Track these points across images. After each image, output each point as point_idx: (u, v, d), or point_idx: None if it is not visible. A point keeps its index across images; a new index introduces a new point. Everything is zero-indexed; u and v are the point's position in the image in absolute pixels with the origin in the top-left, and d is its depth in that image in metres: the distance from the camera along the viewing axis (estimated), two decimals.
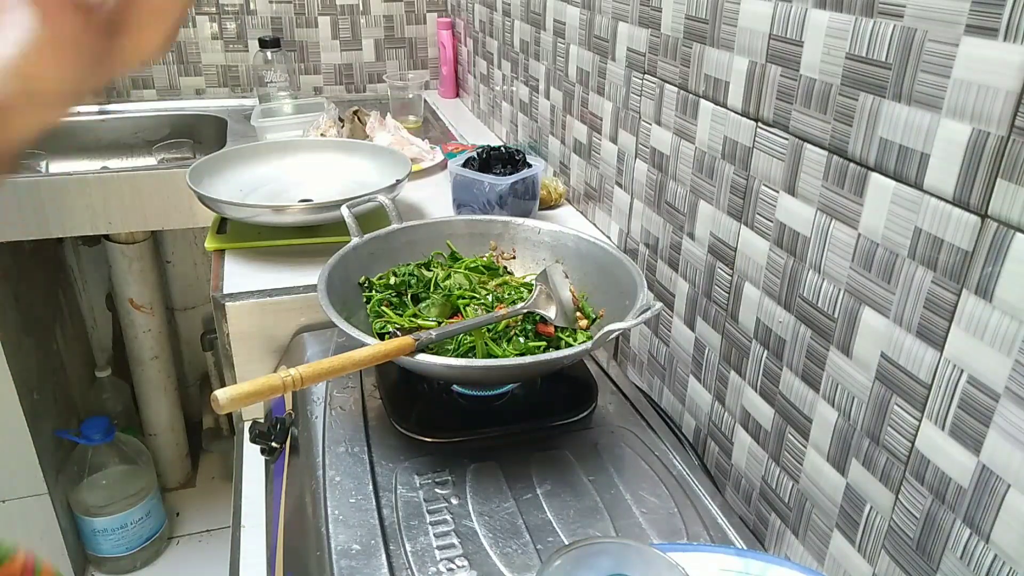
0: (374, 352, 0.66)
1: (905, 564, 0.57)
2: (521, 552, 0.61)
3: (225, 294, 0.95)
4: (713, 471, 0.85)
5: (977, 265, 0.49)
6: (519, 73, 1.46)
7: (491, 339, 0.77)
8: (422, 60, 2.09)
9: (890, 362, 0.57)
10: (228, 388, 0.56)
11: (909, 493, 0.56)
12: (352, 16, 1.99)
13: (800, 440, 0.69)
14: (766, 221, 0.71)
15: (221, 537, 1.83)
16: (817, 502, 0.67)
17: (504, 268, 0.92)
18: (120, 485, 1.65)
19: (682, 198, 0.87)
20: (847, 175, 0.60)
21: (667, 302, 0.92)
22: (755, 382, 0.75)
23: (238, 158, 1.24)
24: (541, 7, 1.28)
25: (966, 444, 0.51)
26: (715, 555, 0.57)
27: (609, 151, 1.07)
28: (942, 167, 0.51)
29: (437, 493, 0.67)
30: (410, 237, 0.92)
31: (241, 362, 0.97)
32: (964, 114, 0.48)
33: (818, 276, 0.64)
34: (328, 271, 0.79)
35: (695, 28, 0.80)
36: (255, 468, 0.95)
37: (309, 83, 2.02)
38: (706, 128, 0.80)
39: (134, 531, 1.69)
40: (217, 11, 1.91)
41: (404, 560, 0.60)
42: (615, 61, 1.01)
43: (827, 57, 0.60)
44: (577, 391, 0.81)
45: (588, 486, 0.69)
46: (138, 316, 1.80)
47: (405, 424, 0.75)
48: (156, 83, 1.94)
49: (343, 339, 0.90)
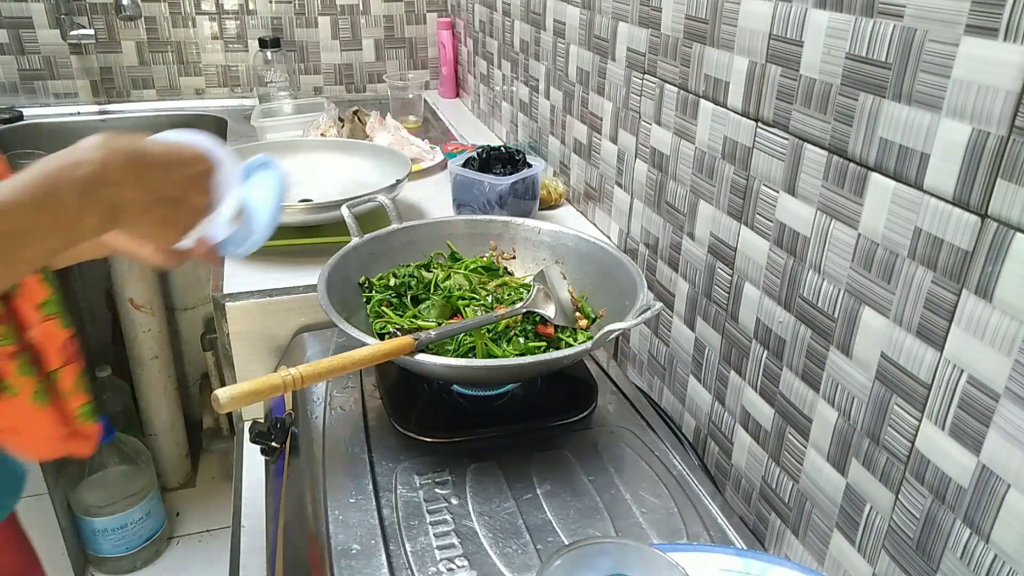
0: (374, 352, 0.66)
1: (905, 564, 0.57)
2: (521, 552, 0.61)
3: (225, 294, 0.95)
4: (713, 471, 0.85)
5: (977, 265, 0.49)
6: (519, 73, 1.46)
7: (491, 339, 0.77)
8: (422, 60, 2.09)
9: (890, 362, 0.57)
10: (229, 387, 0.56)
11: (909, 493, 0.56)
12: (352, 16, 1.99)
13: (800, 440, 0.69)
14: (766, 221, 0.71)
15: (221, 537, 1.83)
16: (817, 502, 0.67)
17: (504, 268, 0.92)
18: (120, 485, 1.65)
19: (682, 198, 0.87)
20: (847, 175, 0.60)
21: (667, 302, 0.92)
22: (755, 382, 0.75)
23: (238, 158, 1.23)
24: (541, 7, 1.28)
25: (966, 444, 0.51)
26: (715, 555, 0.57)
27: (609, 151, 1.07)
28: (942, 167, 0.51)
29: (437, 493, 0.67)
30: (410, 237, 0.92)
31: (241, 362, 0.97)
32: (964, 114, 0.48)
33: (818, 276, 0.64)
34: (328, 271, 0.79)
35: (695, 28, 0.80)
36: (255, 468, 0.95)
37: (309, 83, 2.02)
38: (706, 128, 0.80)
39: (134, 531, 1.69)
40: (217, 11, 1.91)
41: (404, 560, 0.60)
42: (615, 61, 1.01)
43: (827, 57, 0.60)
44: (577, 391, 0.81)
45: (588, 486, 0.69)
46: (138, 316, 1.80)
47: (405, 424, 0.75)
48: (156, 83, 1.94)
49: (343, 339, 0.90)
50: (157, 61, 1.92)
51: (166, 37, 1.90)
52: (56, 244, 0.49)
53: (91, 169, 0.48)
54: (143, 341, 1.83)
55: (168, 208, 0.55)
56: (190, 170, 0.56)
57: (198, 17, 1.91)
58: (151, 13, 1.87)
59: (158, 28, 1.89)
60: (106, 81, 1.90)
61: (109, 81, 1.90)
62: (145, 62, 1.91)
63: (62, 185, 0.47)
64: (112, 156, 0.50)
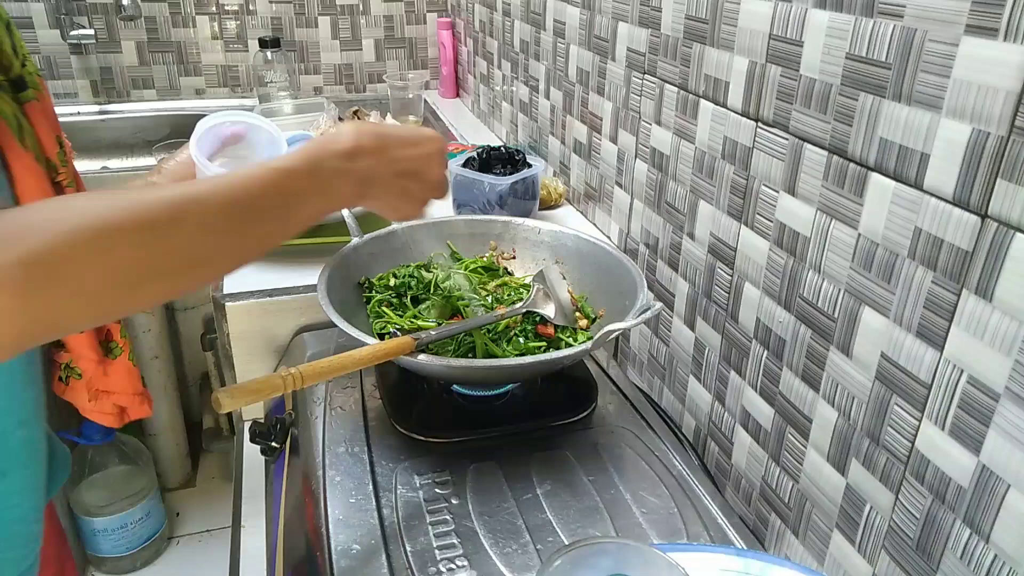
0: (374, 351, 0.66)
1: (905, 564, 0.57)
2: (521, 552, 0.61)
3: (225, 294, 0.95)
4: (713, 471, 0.85)
5: (977, 265, 0.49)
6: (519, 73, 1.46)
7: (491, 339, 0.77)
8: (422, 60, 2.09)
9: (890, 362, 0.57)
10: (229, 387, 0.56)
11: (909, 493, 0.56)
12: (352, 16, 1.99)
13: (800, 440, 0.69)
14: (766, 221, 0.71)
15: (221, 537, 1.83)
16: (817, 502, 0.67)
17: (504, 268, 0.92)
18: (120, 485, 1.65)
19: (682, 198, 0.87)
20: (847, 175, 0.60)
21: (667, 302, 0.92)
22: (755, 382, 0.75)
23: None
24: (541, 7, 1.28)
25: (966, 444, 0.51)
26: (715, 555, 0.57)
27: (609, 151, 1.07)
28: (942, 167, 0.51)
29: (437, 493, 0.67)
30: (410, 237, 0.92)
31: (241, 362, 0.97)
32: (964, 114, 0.48)
33: (818, 276, 0.64)
34: (328, 271, 0.79)
35: (695, 28, 0.80)
36: (255, 468, 0.95)
37: (309, 83, 2.02)
38: (706, 128, 0.80)
39: (134, 531, 1.69)
40: (217, 11, 1.91)
41: (404, 560, 0.60)
42: (615, 61, 1.01)
43: (827, 57, 0.60)
44: (577, 391, 0.81)
45: (588, 486, 0.69)
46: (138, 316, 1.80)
47: (405, 424, 0.75)
48: (156, 83, 1.94)
49: (343, 339, 0.90)
50: (157, 61, 1.92)
51: (166, 37, 1.90)
52: (319, 207, 0.59)
53: (346, 144, 0.60)
54: (143, 341, 1.83)
55: (409, 181, 0.65)
56: (426, 148, 0.66)
57: (198, 17, 1.91)
58: (151, 13, 1.87)
59: (158, 28, 1.89)
60: (106, 81, 1.90)
61: (109, 81, 1.90)
62: (145, 62, 1.91)
63: (325, 156, 0.58)
64: (362, 136, 0.61)
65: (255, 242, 0.54)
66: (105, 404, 0.71)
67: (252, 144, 0.79)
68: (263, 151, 0.78)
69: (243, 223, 0.52)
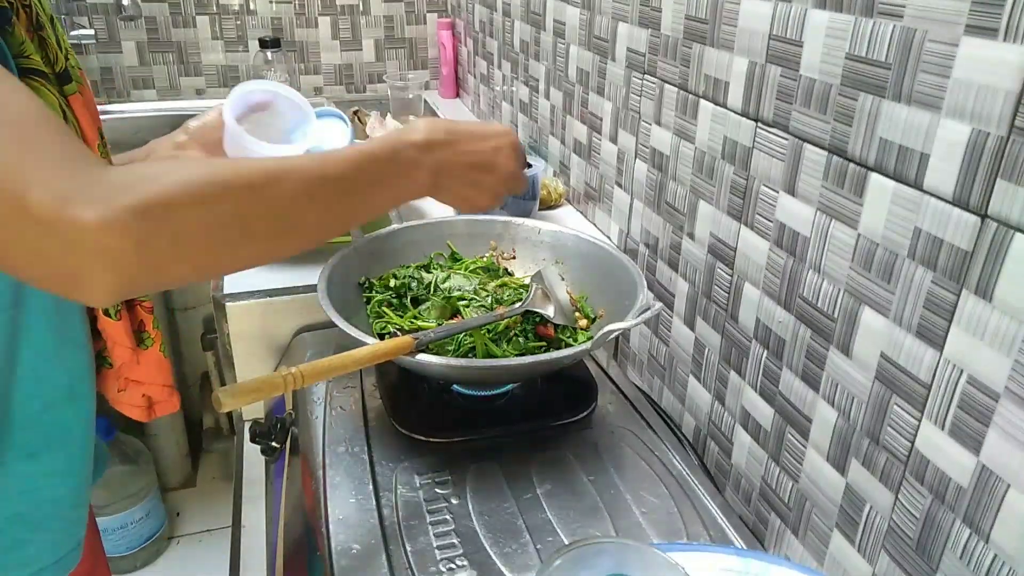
0: (374, 351, 0.66)
1: (905, 564, 0.57)
2: (521, 552, 0.61)
3: (225, 294, 0.95)
4: (713, 471, 0.85)
5: (977, 265, 0.49)
6: (519, 73, 1.46)
7: (491, 339, 0.77)
8: (422, 60, 2.09)
9: (890, 362, 0.57)
10: (229, 387, 0.56)
11: (909, 493, 0.56)
12: (352, 16, 1.99)
13: (800, 440, 0.69)
14: (766, 221, 0.71)
15: (221, 537, 1.83)
16: (817, 502, 0.67)
17: (504, 269, 0.92)
18: (120, 485, 1.65)
19: (682, 198, 0.87)
20: (847, 175, 0.60)
21: (667, 302, 0.92)
22: (755, 382, 0.75)
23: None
24: (541, 7, 1.28)
25: (966, 444, 0.51)
26: (715, 555, 0.57)
27: (609, 151, 1.07)
28: (942, 167, 0.51)
29: (437, 493, 0.67)
30: (410, 237, 0.92)
31: (241, 362, 0.97)
32: (964, 114, 0.49)
33: (818, 276, 0.64)
34: (328, 271, 0.80)
35: (695, 28, 0.80)
36: (255, 468, 0.95)
37: (309, 83, 2.02)
38: (706, 128, 0.80)
39: (134, 531, 1.69)
40: (217, 11, 1.91)
41: (404, 560, 0.60)
42: (615, 61, 1.01)
43: (827, 57, 0.60)
44: (577, 391, 0.81)
45: (588, 486, 0.69)
46: None
47: (405, 424, 0.75)
48: (156, 83, 1.94)
49: (343, 339, 0.90)
50: (157, 61, 1.92)
51: (166, 37, 1.90)
52: (397, 193, 0.63)
53: (422, 136, 0.64)
54: None
55: (480, 174, 0.68)
56: (497, 142, 0.70)
57: (198, 17, 1.91)
58: (151, 13, 1.87)
59: (158, 28, 1.89)
60: (106, 81, 1.90)
61: (109, 81, 1.90)
62: (145, 62, 1.91)
63: (401, 146, 0.63)
64: (435, 129, 0.66)
65: (338, 217, 0.58)
66: (135, 395, 0.72)
67: (277, 112, 0.83)
68: (287, 120, 0.83)
69: (331, 195, 0.56)
